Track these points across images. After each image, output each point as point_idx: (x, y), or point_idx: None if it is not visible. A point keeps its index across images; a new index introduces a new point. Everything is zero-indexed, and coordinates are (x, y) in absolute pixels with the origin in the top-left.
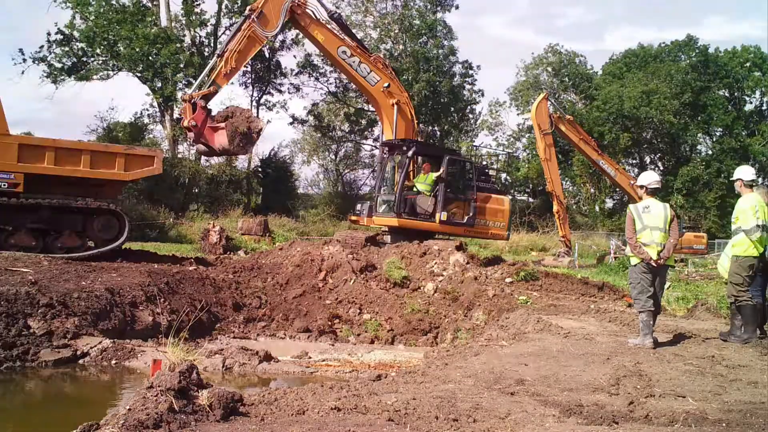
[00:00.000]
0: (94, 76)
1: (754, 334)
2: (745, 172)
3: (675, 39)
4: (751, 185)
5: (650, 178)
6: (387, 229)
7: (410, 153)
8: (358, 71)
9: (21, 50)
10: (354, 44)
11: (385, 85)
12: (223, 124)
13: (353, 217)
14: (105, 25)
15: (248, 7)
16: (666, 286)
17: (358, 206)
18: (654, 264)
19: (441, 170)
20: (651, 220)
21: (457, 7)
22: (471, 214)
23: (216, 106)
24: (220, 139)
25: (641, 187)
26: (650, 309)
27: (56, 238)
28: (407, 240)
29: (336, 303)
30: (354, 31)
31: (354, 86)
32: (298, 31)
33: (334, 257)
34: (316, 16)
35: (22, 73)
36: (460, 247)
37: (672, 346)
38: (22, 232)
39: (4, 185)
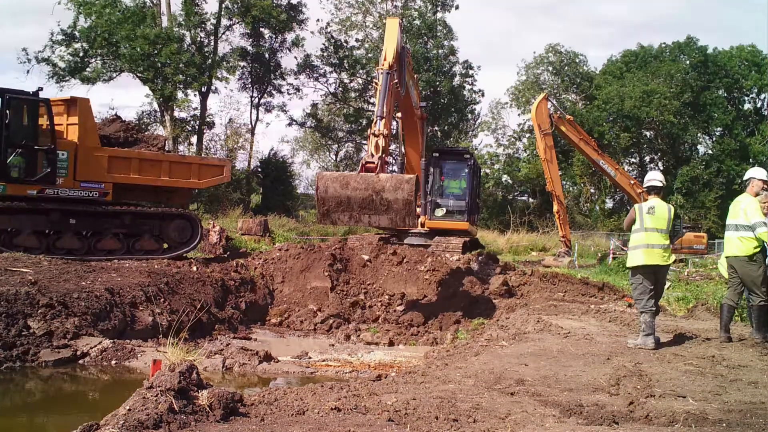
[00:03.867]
0: (98, 79)
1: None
2: (758, 172)
3: (675, 40)
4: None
5: (648, 176)
6: None
7: None
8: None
9: (25, 49)
10: None
11: None
12: None
13: None
14: (106, 25)
15: None
16: (666, 286)
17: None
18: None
19: None
20: (653, 221)
21: (457, 8)
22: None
23: (216, 104)
24: None
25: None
26: (651, 309)
27: (136, 242)
28: None
29: None
30: (354, 31)
31: (353, 86)
32: (297, 32)
33: None
34: None
35: (27, 72)
36: None
37: (672, 346)
38: (108, 237)
39: (96, 194)
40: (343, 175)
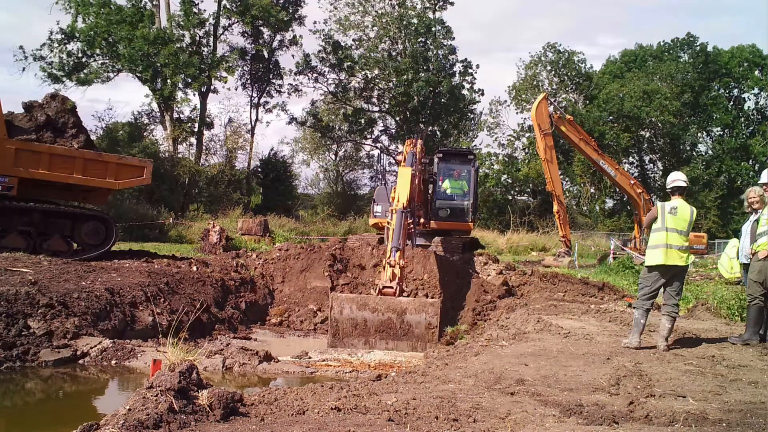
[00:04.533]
0: (95, 80)
1: (755, 337)
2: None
3: (675, 37)
4: None
5: (672, 176)
6: None
7: None
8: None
9: (21, 47)
10: None
11: None
12: None
13: None
14: (104, 26)
15: None
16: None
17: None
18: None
19: None
20: (674, 222)
21: (452, 4)
22: None
23: (215, 106)
24: None
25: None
26: (645, 308)
27: (44, 241)
28: None
29: None
30: (352, 31)
31: (353, 86)
32: (296, 32)
33: None
34: None
35: (23, 70)
36: None
37: (672, 346)
38: (13, 234)
39: None
40: (359, 296)
